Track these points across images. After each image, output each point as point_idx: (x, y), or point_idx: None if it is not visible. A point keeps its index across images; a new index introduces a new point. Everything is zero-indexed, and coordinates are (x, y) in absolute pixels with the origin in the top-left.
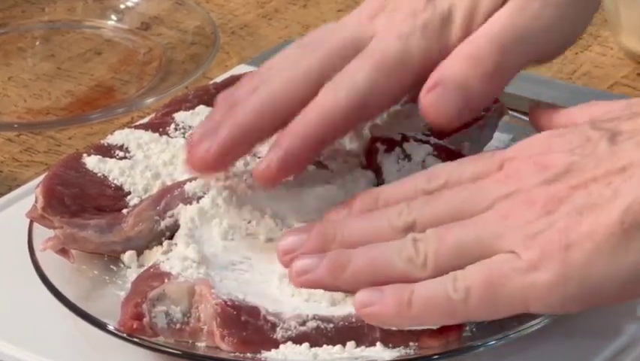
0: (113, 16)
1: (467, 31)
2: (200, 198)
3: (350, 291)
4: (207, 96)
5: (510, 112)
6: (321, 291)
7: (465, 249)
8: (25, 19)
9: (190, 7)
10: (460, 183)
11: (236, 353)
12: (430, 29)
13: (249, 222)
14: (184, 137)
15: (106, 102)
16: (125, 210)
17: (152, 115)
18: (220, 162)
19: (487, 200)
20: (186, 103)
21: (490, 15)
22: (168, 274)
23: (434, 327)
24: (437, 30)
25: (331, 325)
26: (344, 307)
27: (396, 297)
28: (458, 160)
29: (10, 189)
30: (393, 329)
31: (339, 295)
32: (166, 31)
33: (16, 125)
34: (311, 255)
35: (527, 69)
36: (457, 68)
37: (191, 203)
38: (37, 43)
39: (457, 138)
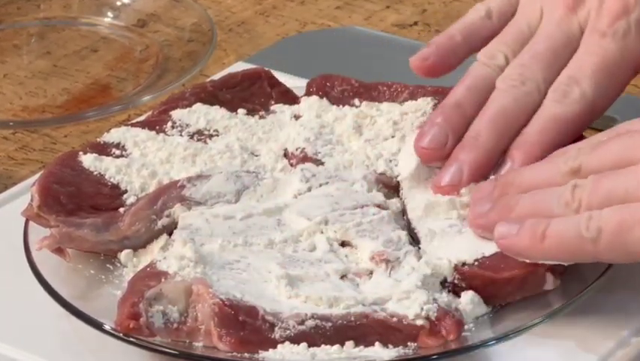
0: (109, 13)
1: None
2: (197, 203)
3: None
4: (204, 94)
5: None
6: (319, 293)
7: (613, 198)
8: (20, 16)
9: (187, 4)
10: None
11: (234, 353)
12: None
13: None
14: (181, 135)
15: (102, 100)
16: (121, 209)
17: (149, 113)
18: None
19: None
20: (183, 101)
21: None
22: (165, 274)
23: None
24: None
25: (330, 324)
26: (342, 308)
27: (531, 230)
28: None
29: (6, 188)
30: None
31: (336, 296)
32: (163, 29)
33: (11, 123)
34: (489, 199)
35: None
36: None
37: (189, 206)
38: (33, 40)
39: None
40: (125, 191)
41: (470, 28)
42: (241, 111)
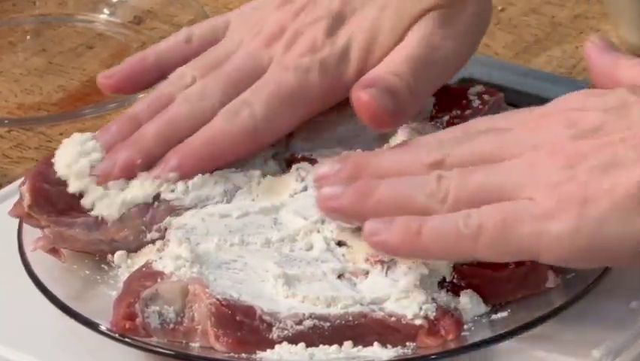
0: (106, 10)
1: (363, 69)
2: (187, 208)
3: None
4: None
5: (508, 106)
6: (317, 293)
7: (486, 191)
8: (15, 12)
9: (183, 1)
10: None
11: (231, 354)
12: (328, 66)
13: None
14: None
15: (98, 97)
16: None
17: None
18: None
19: (515, 148)
20: None
21: (386, 53)
22: (161, 274)
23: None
24: (334, 67)
25: (328, 323)
26: (340, 307)
27: (405, 226)
28: (502, 114)
29: (1, 186)
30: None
31: (334, 296)
32: (159, 26)
33: (6, 121)
34: (339, 183)
35: (528, 63)
36: (387, 76)
37: (179, 214)
38: (28, 37)
39: None
40: None
41: (165, 51)
42: None
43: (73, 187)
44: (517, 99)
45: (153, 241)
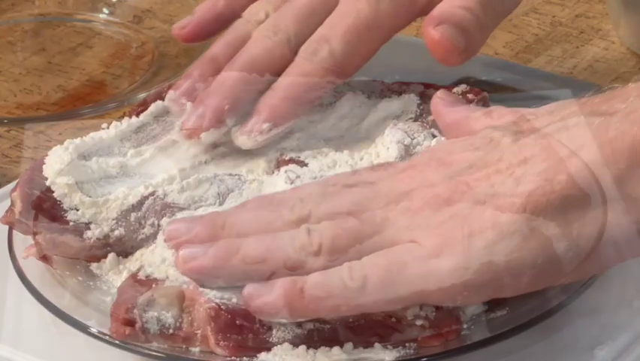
0: (105, 10)
1: None
2: (181, 208)
3: (240, 281)
4: None
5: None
6: None
7: (362, 239)
8: (15, 12)
9: (183, 0)
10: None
11: (232, 358)
12: None
13: None
14: None
15: (97, 97)
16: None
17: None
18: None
19: (388, 196)
20: (161, 100)
21: None
22: (155, 279)
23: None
24: None
25: (328, 326)
26: None
27: (287, 286)
28: (365, 169)
29: (0, 186)
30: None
31: None
32: (159, 25)
33: (5, 121)
34: (198, 243)
35: (529, 63)
36: (457, 11)
37: (173, 212)
38: (28, 36)
39: None
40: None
41: None
42: None
43: (58, 194)
44: (517, 99)
45: (146, 240)
